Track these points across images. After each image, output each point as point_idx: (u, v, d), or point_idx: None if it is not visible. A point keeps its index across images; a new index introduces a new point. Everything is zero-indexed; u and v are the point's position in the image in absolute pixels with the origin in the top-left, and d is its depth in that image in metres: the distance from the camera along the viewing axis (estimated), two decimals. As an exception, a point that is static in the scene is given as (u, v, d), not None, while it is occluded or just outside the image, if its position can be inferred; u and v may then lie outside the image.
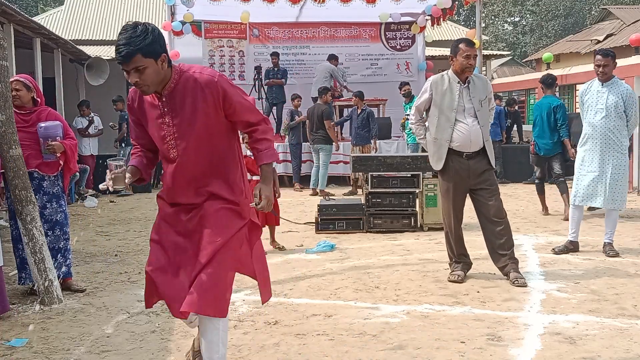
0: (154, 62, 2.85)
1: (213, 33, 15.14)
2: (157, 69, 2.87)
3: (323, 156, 11.39)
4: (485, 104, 5.34)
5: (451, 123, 5.24)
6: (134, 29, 2.81)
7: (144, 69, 2.83)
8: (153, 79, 2.88)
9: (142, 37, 2.79)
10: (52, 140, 5.06)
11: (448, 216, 5.43)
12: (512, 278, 5.21)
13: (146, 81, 2.86)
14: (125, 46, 2.78)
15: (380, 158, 8.01)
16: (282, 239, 7.19)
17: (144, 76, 2.85)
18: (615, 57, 6.16)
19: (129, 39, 2.79)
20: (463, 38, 5.61)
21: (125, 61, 2.81)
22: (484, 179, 5.30)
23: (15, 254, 5.19)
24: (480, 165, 5.29)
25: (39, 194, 5.10)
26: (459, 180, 5.31)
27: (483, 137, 5.25)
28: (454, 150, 5.28)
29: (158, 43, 2.85)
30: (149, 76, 2.86)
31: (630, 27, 21.42)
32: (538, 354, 3.72)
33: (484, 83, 5.41)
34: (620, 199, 6.08)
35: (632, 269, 5.64)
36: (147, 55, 2.81)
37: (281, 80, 13.80)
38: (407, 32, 15.79)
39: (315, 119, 11.31)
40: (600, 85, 6.11)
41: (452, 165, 5.31)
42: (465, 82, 5.27)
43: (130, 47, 2.78)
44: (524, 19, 40.20)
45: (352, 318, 4.42)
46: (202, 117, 2.96)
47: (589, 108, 6.16)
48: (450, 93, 5.27)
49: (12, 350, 3.91)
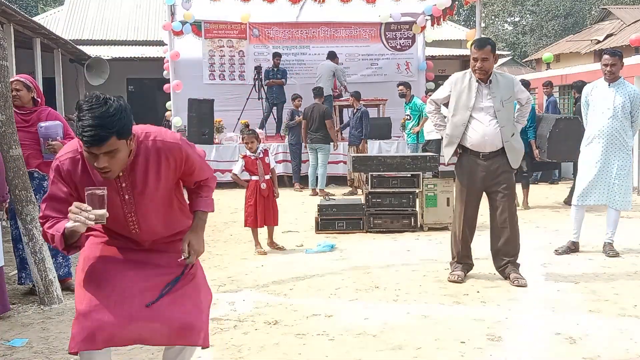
0: (125, 144, 2.49)
1: (213, 33, 15.13)
2: (127, 150, 2.53)
3: (322, 156, 11.39)
4: (509, 104, 5.19)
5: (464, 121, 5.18)
6: (106, 107, 2.41)
7: (116, 152, 2.45)
8: (122, 163, 2.53)
9: (117, 117, 2.41)
10: (52, 140, 5.06)
11: (458, 217, 5.37)
12: (512, 278, 5.21)
13: (115, 166, 2.50)
14: (98, 128, 2.37)
15: (380, 158, 8.01)
16: (282, 239, 7.19)
17: (114, 160, 2.47)
18: (622, 57, 6.14)
19: (102, 119, 2.38)
20: (476, 39, 5.53)
21: (97, 145, 2.39)
22: (499, 181, 5.21)
23: (15, 254, 5.20)
24: (497, 167, 5.20)
25: (40, 194, 5.09)
26: (474, 181, 5.25)
27: (502, 138, 5.14)
28: (470, 150, 5.23)
29: (130, 121, 2.50)
30: (119, 160, 2.50)
31: (630, 27, 21.42)
32: (538, 354, 3.73)
33: (509, 82, 5.26)
34: (626, 200, 6.07)
35: (632, 269, 5.64)
36: (122, 137, 2.45)
37: (281, 80, 13.80)
38: (407, 32, 15.78)
39: (316, 118, 11.30)
40: (607, 86, 6.06)
41: (467, 165, 5.26)
42: (487, 81, 5.19)
43: (106, 130, 2.38)
44: (524, 19, 40.18)
45: (352, 318, 4.42)
46: (164, 183, 2.71)
47: (594, 108, 6.11)
48: (468, 91, 5.20)
49: (12, 350, 3.91)
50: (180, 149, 2.71)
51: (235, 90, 14.96)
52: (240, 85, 15.00)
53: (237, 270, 5.92)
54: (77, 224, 2.45)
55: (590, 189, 6.08)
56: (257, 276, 5.71)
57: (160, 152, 2.66)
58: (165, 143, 2.67)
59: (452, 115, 5.28)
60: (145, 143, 2.65)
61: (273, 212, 6.77)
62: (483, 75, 5.15)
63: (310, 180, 11.60)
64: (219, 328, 4.25)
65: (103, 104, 2.42)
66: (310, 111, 11.39)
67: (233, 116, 14.01)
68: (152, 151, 2.65)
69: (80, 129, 2.40)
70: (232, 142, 12.84)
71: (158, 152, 2.66)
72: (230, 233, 7.80)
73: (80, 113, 2.42)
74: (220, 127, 13.34)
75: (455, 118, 5.25)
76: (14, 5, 10.08)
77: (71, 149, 2.64)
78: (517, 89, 5.32)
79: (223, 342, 4.00)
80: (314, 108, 11.39)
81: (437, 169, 7.90)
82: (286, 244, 7.02)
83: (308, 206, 9.84)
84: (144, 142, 2.65)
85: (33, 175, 5.06)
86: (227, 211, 9.54)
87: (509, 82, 5.27)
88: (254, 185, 6.68)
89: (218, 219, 8.90)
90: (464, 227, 5.35)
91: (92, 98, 2.45)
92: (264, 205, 6.67)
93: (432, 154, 8.51)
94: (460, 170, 5.33)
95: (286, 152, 12.65)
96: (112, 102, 2.45)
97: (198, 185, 2.92)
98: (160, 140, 2.67)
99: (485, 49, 5.10)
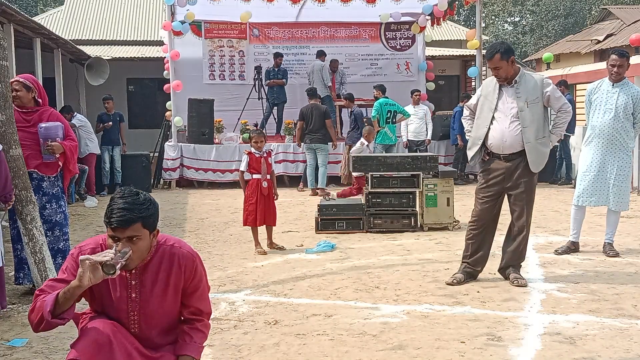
0: (148, 235, 2.62)
1: (213, 33, 15.12)
2: (149, 243, 2.65)
3: (322, 156, 11.43)
4: (534, 105, 5.07)
5: (487, 123, 5.15)
6: (137, 196, 2.61)
7: (138, 240, 2.58)
8: (142, 253, 2.64)
9: (145, 206, 2.60)
10: (51, 141, 5.05)
11: (475, 215, 5.28)
12: (512, 278, 5.20)
13: (135, 254, 2.59)
14: (128, 211, 2.54)
15: (380, 158, 8.01)
16: (282, 239, 7.19)
17: (135, 247, 2.58)
18: (629, 58, 6.13)
19: (132, 204, 2.56)
20: (488, 47, 5.35)
21: (124, 226, 2.54)
22: (516, 184, 5.15)
23: (14, 254, 5.19)
24: (516, 169, 5.13)
25: (38, 195, 5.09)
26: (494, 182, 5.18)
27: (524, 139, 5.05)
28: (492, 153, 5.19)
29: (157, 216, 2.66)
30: (140, 248, 2.60)
31: (630, 27, 21.39)
32: (538, 354, 3.73)
33: (537, 83, 5.13)
34: (624, 200, 6.07)
35: (632, 269, 5.64)
36: (146, 226, 2.59)
37: (282, 80, 13.80)
38: (407, 32, 15.77)
39: (315, 118, 11.32)
40: (611, 86, 6.04)
41: (491, 165, 5.21)
42: (511, 82, 5.13)
43: (134, 214, 2.54)
44: (524, 19, 40.15)
45: (352, 318, 4.42)
46: (172, 292, 2.75)
47: (597, 107, 6.08)
48: (492, 93, 5.18)
49: (12, 350, 3.91)
50: (194, 261, 2.78)
51: (235, 90, 14.96)
52: (240, 85, 14.99)
53: (237, 270, 5.92)
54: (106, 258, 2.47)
55: (590, 190, 6.07)
56: (257, 276, 5.71)
57: (174, 258, 2.74)
58: (182, 251, 2.77)
59: (477, 118, 5.27)
60: (163, 247, 2.75)
61: (272, 212, 6.78)
62: (502, 81, 5.12)
63: (310, 180, 11.60)
64: (219, 328, 4.25)
65: (134, 194, 2.62)
66: (308, 111, 11.39)
67: (233, 116, 14.01)
68: (167, 256, 2.74)
69: (109, 212, 2.56)
70: (232, 142, 12.84)
71: (172, 258, 2.74)
72: (230, 233, 7.80)
73: (112, 201, 2.60)
74: (220, 127, 13.34)
75: (478, 120, 5.25)
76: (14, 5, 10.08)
77: (93, 241, 2.76)
78: (548, 90, 5.13)
79: (223, 342, 4.00)
80: (312, 108, 11.39)
81: (437, 169, 7.90)
82: (286, 244, 7.02)
83: (308, 206, 9.84)
84: (162, 246, 2.75)
85: (32, 175, 5.04)
86: (227, 211, 9.54)
87: (537, 82, 5.14)
88: (256, 184, 6.68)
89: (218, 219, 8.90)
90: (469, 227, 5.32)
91: (125, 190, 2.65)
92: (264, 204, 6.66)
93: (432, 154, 8.50)
94: (484, 170, 5.27)
95: (286, 152, 12.67)
96: (143, 194, 2.65)
97: (193, 323, 2.84)
98: (177, 247, 2.77)
99: (493, 59, 5.02)
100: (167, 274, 2.73)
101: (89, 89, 15.96)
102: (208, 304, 2.91)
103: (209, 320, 2.92)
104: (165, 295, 2.74)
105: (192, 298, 2.81)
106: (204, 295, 2.86)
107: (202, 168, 12.80)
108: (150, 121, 17.38)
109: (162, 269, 2.72)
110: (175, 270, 2.73)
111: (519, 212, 5.19)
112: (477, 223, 5.28)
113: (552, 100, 5.16)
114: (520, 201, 5.17)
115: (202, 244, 7.10)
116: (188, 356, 2.77)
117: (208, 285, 2.91)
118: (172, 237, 2.85)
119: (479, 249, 5.30)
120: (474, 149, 5.25)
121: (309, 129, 11.38)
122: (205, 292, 2.87)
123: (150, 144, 14.60)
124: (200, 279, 2.81)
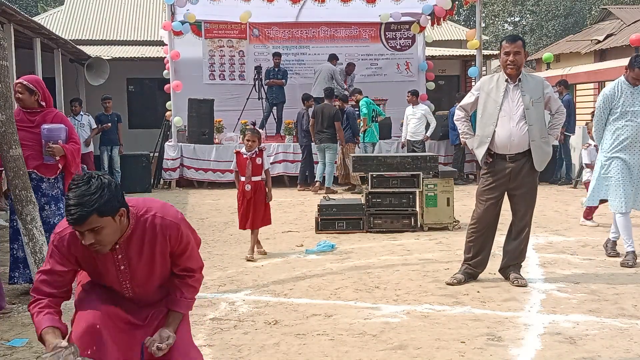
0: (111, 220, 2.52)
1: (213, 33, 15.12)
2: (116, 226, 2.56)
3: (330, 155, 11.55)
4: (538, 104, 5.10)
5: (494, 120, 5.11)
6: (87, 185, 2.47)
7: (101, 229, 2.50)
8: (111, 238, 2.57)
9: (97, 195, 2.46)
10: (53, 143, 5.03)
11: (477, 217, 5.26)
12: (512, 278, 5.20)
13: (103, 242, 2.54)
14: (78, 207, 2.43)
15: (380, 158, 8.00)
16: (282, 239, 7.20)
17: (100, 237, 2.52)
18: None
19: (82, 197, 2.44)
20: (507, 35, 5.43)
21: (78, 224, 2.47)
22: (521, 184, 5.13)
23: (10, 253, 5.17)
24: (522, 169, 5.11)
25: (37, 195, 5.04)
26: (498, 183, 5.15)
27: (529, 138, 5.05)
28: (497, 154, 5.15)
29: (116, 199, 2.53)
30: (106, 236, 2.53)
31: (630, 27, 21.38)
32: (538, 354, 3.73)
33: (538, 83, 5.19)
34: None
35: (632, 269, 5.64)
36: (104, 214, 2.48)
37: (282, 80, 13.81)
38: (407, 32, 15.77)
39: (325, 118, 11.40)
40: (632, 87, 5.80)
41: (495, 167, 5.17)
42: (516, 79, 5.12)
43: (85, 209, 2.43)
44: (524, 19, 40.15)
45: (352, 318, 4.42)
46: (160, 259, 2.74)
47: (624, 111, 5.80)
48: (496, 91, 5.15)
49: (12, 350, 3.91)
50: (179, 229, 2.73)
51: (235, 90, 14.97)
52: (240, 85, 14.99)
53: (237, 270, 5.92)
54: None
55: (632, 194, 5.80)
56: (257, 276, 5.71)
57: (157, 228, 2.68)
58: (165, 220, 2.70)
59: (481, 116, 5.22)
60: (144, 219, 2.68)
61: (259, 215, 6.44)
62: (515, 70, 5.07)
63: (318, 174, 11.74)
64: (219, 328, 4.25)
65: (85, 183, 2.48)
66: (320, 111, 11.49)
67: (233, 116, 14.01)
68: (150, 227, 2.68)
69: (65, 209, 2.49)
70: (232, 142, 12.84)
71: (155, 229, 2.68)
72: (230, 233, 7.80)
73: (69, 191, 2.50)
74: (220, 127, 13.35)
75: (483, 118, 5.20)
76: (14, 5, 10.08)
77: None
78: (547, 92, 5.20)
79: (223, 342, 4.00)
80: (323, 108, 11.50)
81: (437, 169, 7.89)
82: (286, 244, 7.02)
83: (308, 206, 9.84)
84: (143, 217, 2.68)
85: (31, 176, 4.99)
86: (227, 211, 9.54)
87: (538, 83, 5.20)
88: (242, 187, 6.46)
89: (218, 219, 8.90)
90: (471, 229, 5.30)
91: (77, 180, 2.51)
92: (247, 207, 6.40)
93: (432, 154, 8.50)
94: (488, 170, 5.21)
95: (286, 152, 12.69)
96: (96, 180, 2.50)
97: (184, 278, 2.85)
98: (160, 216, 2.70)
99: (517, 43, 5.07)
100: (152, 244, 2.70)
101: (89, 89, 15.95)
102: (198, 261, 2.89)
103: (200, 273, 2.92)
104: (153, 263, 2.74)
105: (181, 259, 2.81)
106: (192, 254, 2.84)
107: (202, 168, 12.81)
108: (150, 121, 17.38)
109: (146, 240, 2.69)
110: (160, 240, 2.70)
111: (523, 212, 5.19)
112: (479, 225, 5.26)
113: (552, 101, 5.22)
114: (524, 201, 5.17)
115: (202, 244, 7.06)
116: (178, 312, 2.81)
117: (197, 240, 2.88)
118: (154, 203, 2.76)
119: (480, 250, 5.29)
120: (483, 148, 5.17)
121: (318, 129, 11.50)
122: (194, 251, 2.85)
123: (151, 144, 14.59)
124: (187, 242, 2.78)
